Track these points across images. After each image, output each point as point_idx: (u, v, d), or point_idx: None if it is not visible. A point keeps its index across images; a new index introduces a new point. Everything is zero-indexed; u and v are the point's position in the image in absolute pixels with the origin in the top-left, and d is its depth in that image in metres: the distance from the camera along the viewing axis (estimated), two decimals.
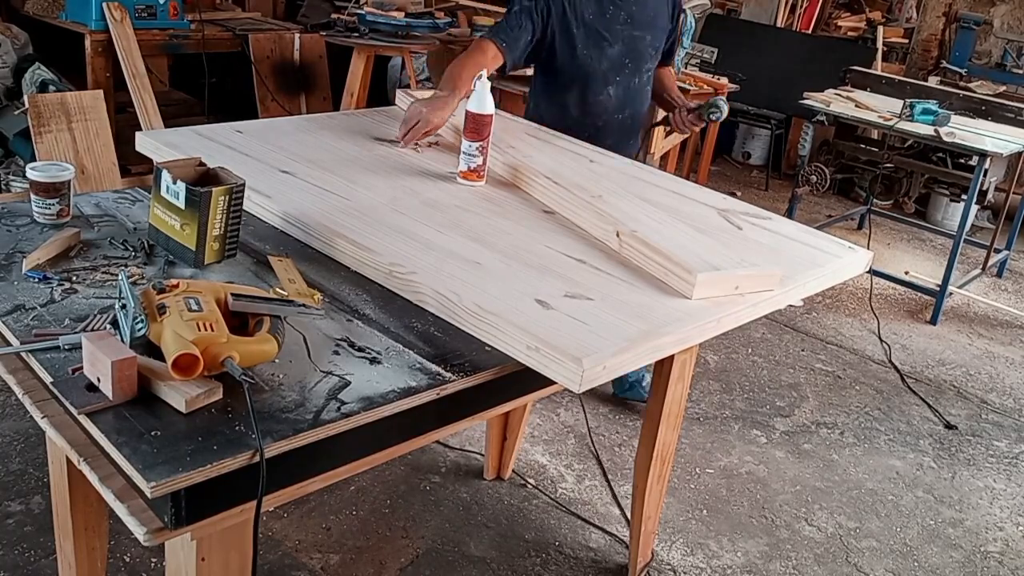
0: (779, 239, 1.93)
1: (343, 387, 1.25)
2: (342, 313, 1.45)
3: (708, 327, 1.54)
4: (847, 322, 4.18)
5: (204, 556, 1.19)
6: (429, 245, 1.62)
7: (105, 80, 3.92)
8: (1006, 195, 5.04)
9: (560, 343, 1.32)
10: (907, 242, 5.51)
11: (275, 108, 4.53)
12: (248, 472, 1.10)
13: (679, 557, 2.46)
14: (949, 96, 4.86)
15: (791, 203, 4.99)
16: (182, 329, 1.17)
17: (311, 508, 2.43)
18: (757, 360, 3.68)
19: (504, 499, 2.60)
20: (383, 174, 1.98)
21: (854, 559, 2.55)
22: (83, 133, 3.54)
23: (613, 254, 1.71)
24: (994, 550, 2.69)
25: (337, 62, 4.76)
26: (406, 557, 2.32)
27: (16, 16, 4.29)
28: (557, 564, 2.38)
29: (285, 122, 2.29)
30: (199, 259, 1.51)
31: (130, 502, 1.10)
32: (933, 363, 3.88)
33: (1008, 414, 3.53)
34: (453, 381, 1.32)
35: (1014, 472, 3.11)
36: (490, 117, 1.94)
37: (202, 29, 4.25)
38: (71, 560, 1.81)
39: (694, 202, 2.09)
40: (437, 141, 2.27)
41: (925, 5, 6.97)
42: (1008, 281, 5.10)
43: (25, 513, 2.27)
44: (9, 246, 1.54)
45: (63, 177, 1.63)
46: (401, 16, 4.52)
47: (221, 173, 1.56)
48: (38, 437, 2.50)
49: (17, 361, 1.32)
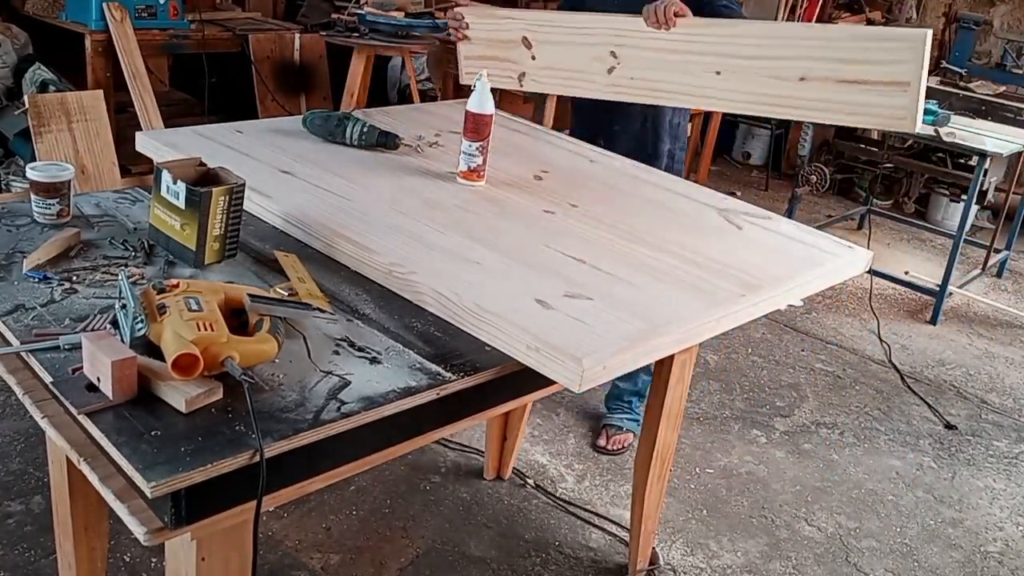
0: (779, 239, 1.93)
1: (343, 387, 1.25)
2: (342, 313, 1.45)
3: (708, 327, 1.54)
4: (847, 322, 4.18)
5: (204, 556, 1.19)
6: (429, 245, 1.62)
7: (105, 80, 3.91)
8: (1006, 195, 5.04)
9: (560, 343, 1.32)
10: (907, 242, 5.51)
11: (275, 108, 4.53)
12: (248, 472, 1.10)
13: (679, 557, 2.46)
14: (949, 96, 4.86)
15: (791, 203, 4.99)
16: (182, 329, 1.17)
17: (311, 508, 2.43)
18: (757, 360, 3.68)
19: (504, 499, 2.60)
20: (383, 174, 1.98)
21: (854, 559, 2.55)
22: (83, 133, 3.53)
23: (613, 254, 1.71)
24: (994, 550, 2.69)
25: (337, 62, 4.76)
26: (406, 557, 2.32)
27: (16, 16, 4.29)
28: (557, 564, 2.38)
29: (285, 122, 2.29)
30: (199, 259, 1.51)
31: (130, 502, 1.10)
32: (933, 363, 3.88)
33: (1008, 414, 3.53)
34: (453, 381, 1.32)
35: (1014, 472, 3.11)
36: (490, 117, 1.94)
37: (202, 29, 4.25)
38: (71, 560, 1.81)
39: (694, 202, 2.09)
40: (437, 141, 2.27)
41: (925, 5, 6.96)
42: (1008, 281, 5.10)
43: (25, 513, 2.27)
44: (9, 246, 1.54)
45: (63, 177, 1.63)
46: (401, 16, 4.52)
47: (221, 173, 1.56)
48: (38, 437, 2.50)
49: (17, 361, 1.32)
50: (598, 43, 2.26)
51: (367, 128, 2.13)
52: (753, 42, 2.02)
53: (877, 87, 1.89)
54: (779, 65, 2.00)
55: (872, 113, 1.92)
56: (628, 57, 2.22)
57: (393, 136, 2.13)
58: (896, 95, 1.87)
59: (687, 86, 2.16)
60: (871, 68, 1.89)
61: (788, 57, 1.98)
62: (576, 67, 2.32)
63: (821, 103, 1.98)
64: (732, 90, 2.08)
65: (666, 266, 1.68)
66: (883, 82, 1.88)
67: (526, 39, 2.37)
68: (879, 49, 1.87)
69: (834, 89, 1.94)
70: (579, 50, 2.30)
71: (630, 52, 2.22)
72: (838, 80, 1.93)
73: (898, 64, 1.85)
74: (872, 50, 1.87)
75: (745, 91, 2.07)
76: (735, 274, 1.69)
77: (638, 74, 2.22)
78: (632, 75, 2.23)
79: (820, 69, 1.95)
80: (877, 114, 1.92)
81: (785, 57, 1.99)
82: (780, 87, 2.01)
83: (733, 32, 2.05)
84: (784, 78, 2.00)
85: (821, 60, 1.95)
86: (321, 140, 2.15)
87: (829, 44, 1.93)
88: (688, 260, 1.72)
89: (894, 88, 1.87)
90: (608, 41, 2.24)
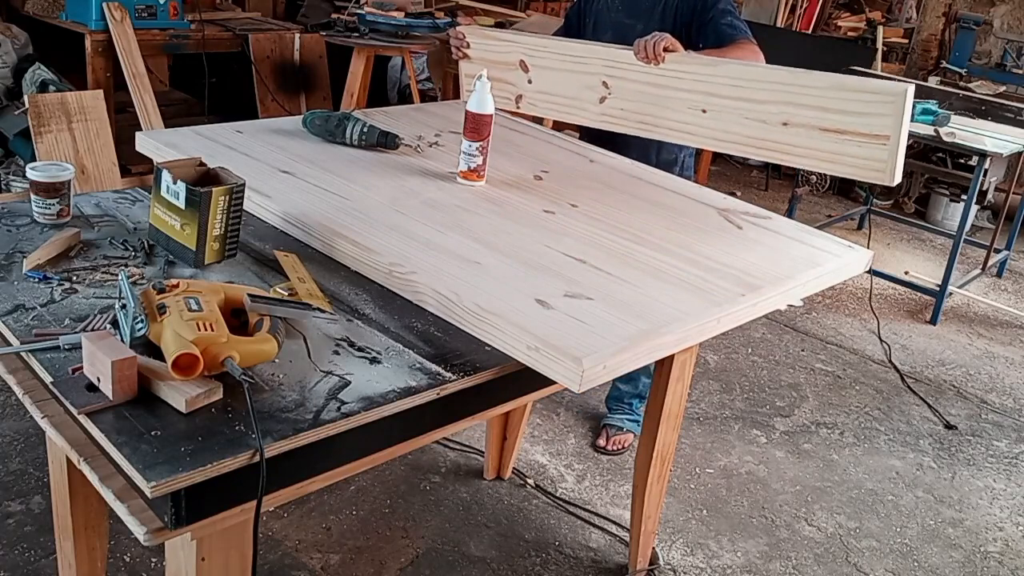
0: (779, 239, 1.93)
1: (343, 387, 1.25)
2: (342, 313, 1.45)
3: (708, 327, 1.54)
4: (847, 322, 4.18)
5: (204, 556, 1.19)
6: (429, 245, 1.62)
7: (105, 80, 3.92)
8: (1006, 195, 5.04)
9: (560, 343, 1.32)
10: (907, 242, 5.51)
11: (275, 108, 4.53)
12: (248, 472, 1.10)
13: (679, 557, 2.46)
14: (949, 96, 4.86)
15: (791, 203, 4.99)
16: (182, 329, 1.17)
17: (311, 508, 2.43)
18: (757, 360, 3.68)
19: (504, 499, 2.60)
20: (383, 174, 1.98)
21: (854, 559, 2.55)
22: (83, 133, 3.54)
23: (613, 254, 1.71)
24: (994, 550, 2.69)
25: (337, 62, 4.76)
26: (406, 557, 2.32)
27: (16, 16, 4.29)
28: (557, 564, 2.38)
29: (285, 122, 2.29)
30: (199, 259, 1.51)
31: (130, 502, 1.10)
32: (933, 363, 3.88)
33: (1008, 414, 3.53)
34: (453, 381, 1.32)
35: (1014, 472, 3.11)
36: (490, 117, 1.94)
37: (202, 29, 4.25)
38: (71, 560, 1.81)
39: (694, 202, 2.09)
40: (437, 141, 2.28)
41: (925, 5, 6.96)
42: (1008, 281, 5.10)
43: (25, 513, 2.27)
44: (9, 246, 1.54)
45: (63, 177, 1.63)
46: (401, 16, 4.52)
47: (221, 173, 1.56)
48: (38, 437, 2.50)
49: (17, 361, 1.32)
50: (592, 72, 2.29)
51: (367, 128, 2.13)
52: (739, 84, 2.03)
53: (857, 138, 1.90)
54: (763, 109, 2.01)
55: (850, 164, 1.93)
56: (619, 88, 2.25)
57: (393, 136, 2.13)
58: (875, 147, 1.88)
59: (675, 122, 2.18)
60: (851, 119, 1.90)
61: (772, 101, 2.00)
62: (570, 94, 2.36)
63: (803, 149, 1.98)
64: (717, 129, 2.10)
65: (666, 266, 1.68)
66: (863, 134, 1.88)
67: (523, 63, 2.41)
68: (859, 101, 1.87)
69: (816, 136, 1.95)
70: (573, 77, 2.34)
71: (621, 84, 2.25)
72: (820, 128, 1.94)
73: (878, 117, 1.86)
74: (853, 101, 1.88)
75: (730, 131, 2.09)
76: (735, 274, 1.69)
77: (628, 106, 2.25)
78: (623, 106, 2.26)
79: (802, 116, 1.96)
80: (855, 164, 1.92)
81: (769, 101, 2.00)
82: (764, 130, 2.02)
83: (720, 72, 2.07)
84: (767, 122, 2.01)
85: (803, 107, 1.96)
86: (321, 140, 2.15)
87: (811, 92, 1.94)
88: (688, 260, 1.72)
89: (873, 140, 1.87)
90: (601, 71, 2.27)
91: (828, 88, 1.91)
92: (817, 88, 1.92)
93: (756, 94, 2.01)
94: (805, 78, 1.94)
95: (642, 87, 2.20)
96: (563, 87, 2.37)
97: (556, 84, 2.38)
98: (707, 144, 2.14)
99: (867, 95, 1.86)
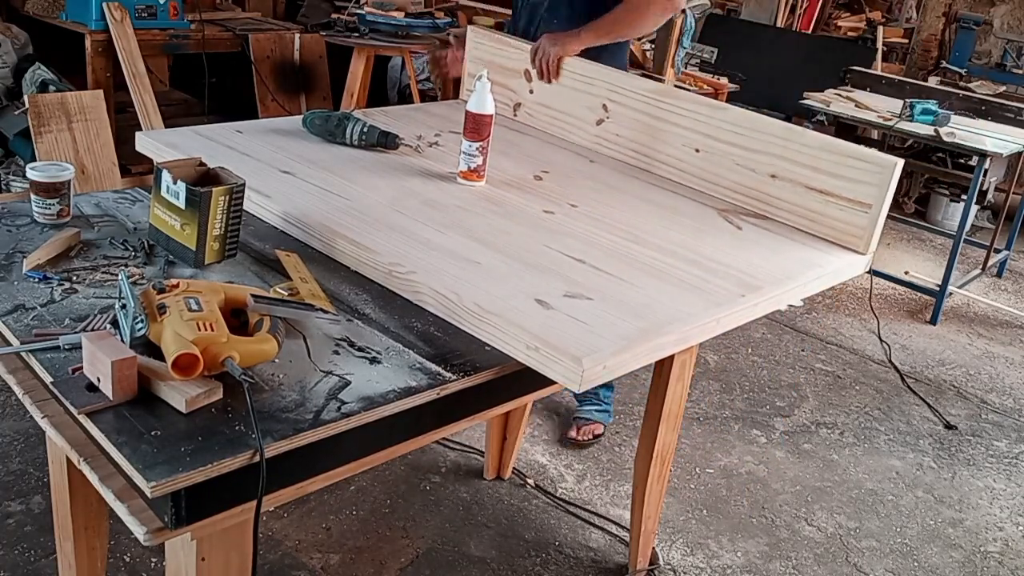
0: (779, 239, 1.93)
1: (343, 387, 1.25)
2: (342, 313, 1.45)
3: (708, 327, 1.54)
4: (847, 322, 4.18)
5: (204, 556, 1.19)
6: (429, 245, 1.62)
7: (105, 80, 3.92)
8: (1006, 195, 5.04)
9: (560, 343, 1.32)
10: (907, 242, 5.51)
11: (275, 108, 4.53)
12: (248, 472, 1.10)
13: (679, 557, 2.46)
14: (949, 96, 4.86)
15: None
16: (182, 329, 1.17)
17: (311, 508, 2.43)
18: (757, 360, 3.68)
19: (504, 499, 2.60)
20: (383, 174, 1.98)
21: (854, 559, 2.55)
22: (83, 133, 3.54)
23: (613, 254, 1.71)
24: (994, 550, 2.69)
25: (337, 62, 4.76)
26: (406, 557, 2.32)
27: (16, 16, 4.29)
28: (557, 564, 2.38)
29: (285, 122, 2.29)
30: (199, 259, 1.51)
31: (130, 502, 1.10)
32: (933, 363, 3.88)
33: (1008, 414, 3.53)
34: (453, 381, 1.32)
35: (1014, 472, 3.11)
36: (490, 117, 1.94)
37: (202, 29, 4.25)
38: (71, 560, 1.81)
39: (694, 202, 2.09)
40: (437, 141, 2.27)
41: (925, 5, 6.96)
42: (1008, 281, 5.10)
43: (25, 513, 2.27)
44: (9, 246, 1.54)
45: (63, 177, 1.63)
46: (401, 16, 4.52)
47: (221, 173, 1.56)
48: (38, 437, 2.50)
49: (17, 361, 1.32)
50: (594, 94, 2.30)
51: (367, 128, 2.13)
52: (738, 130, 2.04)
53: (840, 202, 1.91)
54: (754, 158, 2.02)
55: (829, 226, 1.94)
56: (618, 114, 2.26)
57: (393, 136, 2.13)
58: (856, 214, 1.89)
59: (666, 156, 2.19)
60: (838, 182, 1.91)
61: (765, 152, 2.01)
62: (569, 111, 2.38)
63: (788, 204, 1.99)
64: (707, 171, 2.11)
65: (666, 266, 1.68)
66: (846, 198, 1.90)
67: (527, 72, 2.42)
68: (847, 166, 1.89)
69: (801, 193, 1.96)
70: (576, 96, 2.35)
71: (621, 110, 2.25)
72: (807, 186, 1.96)
73: (863, 185, 1.87)
74: (843, 165, 1.90)
75: (719, 175, 2.09)
76: (735, 274, 1.69)
77: (624, 132, 2.26)
78: (618, 132, 2.27)
79: (792, 171, 1.97)
80: (834, 227, 1.93)
81: (762, 151, 2.01)
82: (752, 179, 2.04)
83: (719, 115, 2.08)
84: (757, 171, 2.02)
85: (793, 163, 1.97)
86: (321, 140, 2.15)
87: (803, 149, 1.95)
88: (688, 260, 1.72)
89: (856, 207, 1.89)
90: (604, 94, 2.28)
91: (820, 148, 1.93)
92: (810, 146, 1.94)
93: (751, 143, 2.03)
94: (800, 136, 1.97)
95: (641, 116, 2.21)
96: (564, 103, 2.38)
97: (557, 99, 2.39)
98: (693, 183, 2.15)
99: (856, 161, 1.88)
